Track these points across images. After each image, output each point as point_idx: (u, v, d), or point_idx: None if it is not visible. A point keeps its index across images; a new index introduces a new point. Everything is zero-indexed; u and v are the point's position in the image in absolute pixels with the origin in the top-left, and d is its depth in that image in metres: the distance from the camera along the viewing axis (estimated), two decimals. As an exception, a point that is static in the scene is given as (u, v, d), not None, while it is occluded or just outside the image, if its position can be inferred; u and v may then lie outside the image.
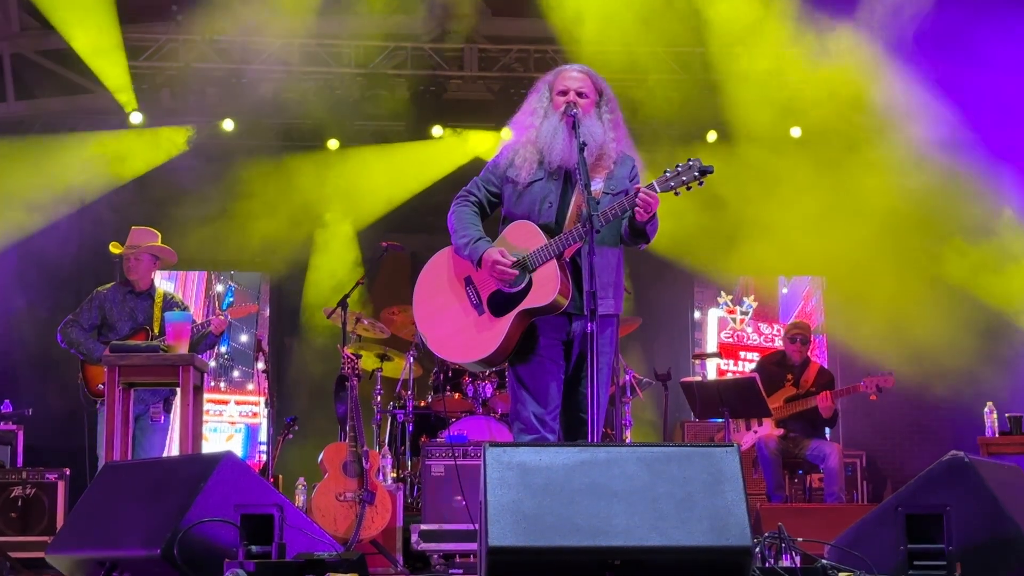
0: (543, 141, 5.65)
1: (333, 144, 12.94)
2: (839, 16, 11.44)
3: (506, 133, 5.90)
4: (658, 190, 5.40)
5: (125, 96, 12.11)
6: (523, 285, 5.53)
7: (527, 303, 5.50)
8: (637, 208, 5.35)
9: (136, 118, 12.20)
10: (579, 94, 5.69)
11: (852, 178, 12.63)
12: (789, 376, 10.17)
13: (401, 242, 10.82)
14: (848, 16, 11.48)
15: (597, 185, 5.57)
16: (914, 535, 4.65)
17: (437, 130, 12.79)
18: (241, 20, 11.82)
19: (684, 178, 5.40)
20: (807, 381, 10.11)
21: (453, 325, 5.69)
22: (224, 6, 11.68)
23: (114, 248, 8.72)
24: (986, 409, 9.50)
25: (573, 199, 5.60)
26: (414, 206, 12.94)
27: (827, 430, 10.38)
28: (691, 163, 5.41)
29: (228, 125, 12.51)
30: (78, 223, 12.89)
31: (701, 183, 5.42)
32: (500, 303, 5.57)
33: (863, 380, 9.88)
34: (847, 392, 10.06)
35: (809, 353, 10.50)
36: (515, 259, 5.53)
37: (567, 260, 5.52)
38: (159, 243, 8.74)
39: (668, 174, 5.44)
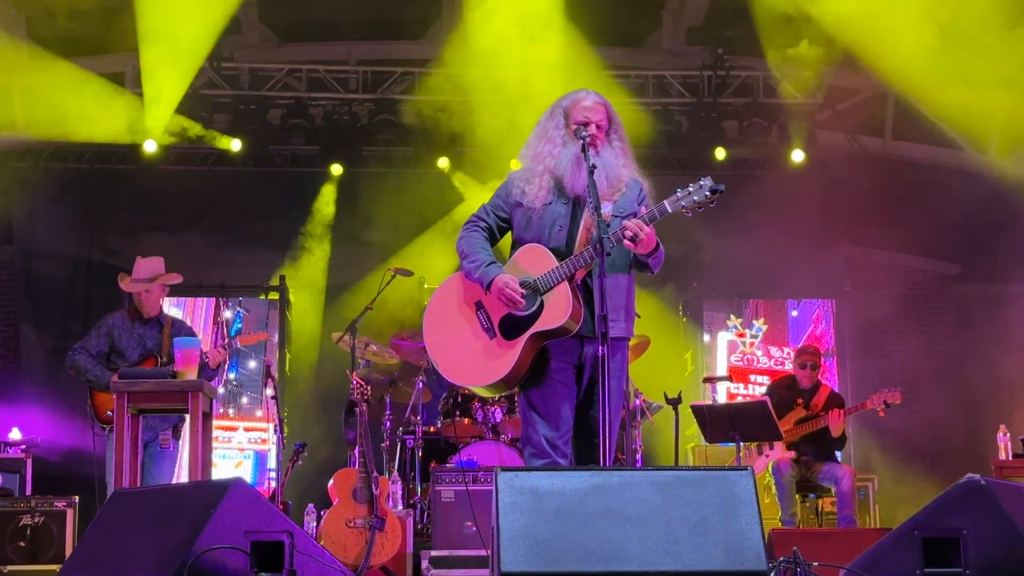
0: (562, 169, 5.62)
1: (336, 169, 12.94)
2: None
3: (514, 164, 5.88)
4: (669, 210, 5.39)
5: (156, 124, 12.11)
6: (534, 308, 5.50)
7: (538, 326, 5.47)
8: (625, 240, 5.32)
9: (151, 146, 12.20)
10: (598, 125, 5.67)
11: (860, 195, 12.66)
12: (799, 400, 10.13)
13: (408, 266, 10.81)
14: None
15: (606, 208, 5.55)
16: (931, 559, 4.61)
17: (443, 161, 12.81)
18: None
19: (695, 198, 5.39)
20: (817, 405, 10.07)
21: (464, 350, 5.66)
22: (229, 32, 11.73)
23: (124, 285, 8.70)
24: (999, 432, 9.46)
25: (583, 222, 5.58)
26: (421, 230, 12.95)
27: (838, 453, 10.33)
28: (702, 183, 5.40)
29: (236, 145, 12.49)
30: (87, 249, 12.92)
31: (713, 203, 5.40)
32: (511, 327, 5.54)
33: (871, 397, 9.85)
34: (856, 409, 10.04)
35: (819, 377, 10.46)
36: (525, 285, 5.51)
37: (578, 282, 5.50)
38: (165, 270, 8.72)
39: (679, 194, 5.43)
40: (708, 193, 5.38)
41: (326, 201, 13.15)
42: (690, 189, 5.42)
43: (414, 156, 12.97)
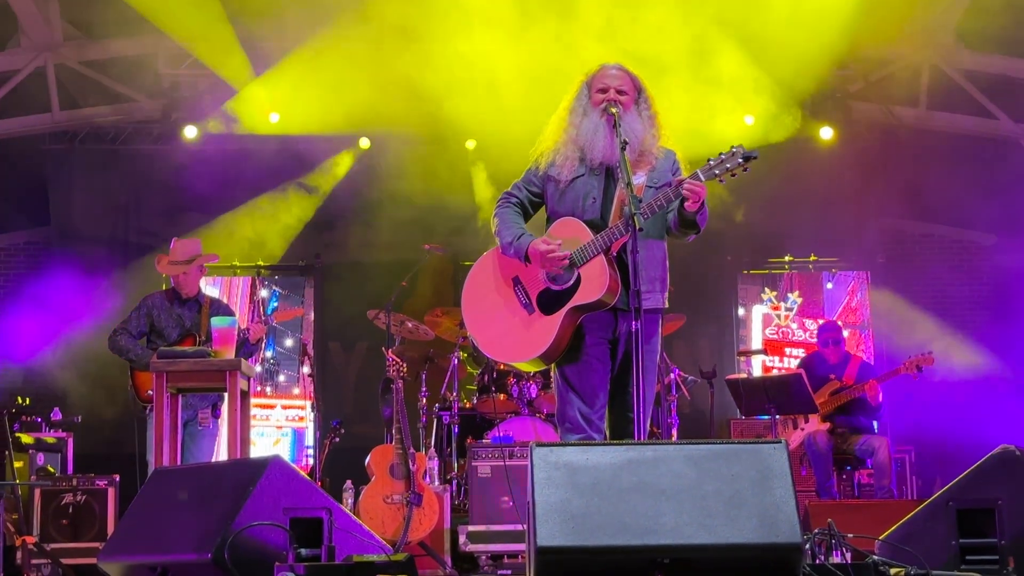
0: (584, 139, 5.66)
1: (365, 143, 12.94)
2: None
3: (546, 134, 5.90)
4: (703, 179, 5.41)
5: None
6: (571, 282, 5.53)
7: (577, 299, 5.50)
8: (686, 199, 5.35)
9: (191, 132, 12.27)
10: (619, 91, 5.68)
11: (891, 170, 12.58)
12: (831, 376, 10.10)
13: (442, 243, 10.84)
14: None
15: (640, 179, 5.58)
16: (966, 530, 4.61)
17: (471, 143, 12.83)
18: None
19: (728, 165, 5.41)
20: (851, 377, 10.04)
21: (504, 326, 5.70)
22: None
23: (161, 267, 8.75)
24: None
25: (616, 194, 5.60)
26: (452, 207, 12.95)
27: (875, 424, 10.31)
28: (735, 150, 5.42)
29: (274, 118, 12.49)
30: (124, 230, 13.00)
31: (746, 169, 5.42)
32: (549, 301, 5.57)
33: (903, 362, 9.82)
34: (889, 376, 10.02)
35: (847, 349, 10.43)
36: (560, 243, 5.54)
37: (614, 255, 5.52)
38: (202, 251, 8.79)
39: (712, 162, 5.45)
40: (741, 160, 5.40)
41: (359, 178, 13.15)
42: (723, 157, 5.44)
43: (451, 134, 12.99)
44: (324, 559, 4.53)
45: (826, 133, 12.53)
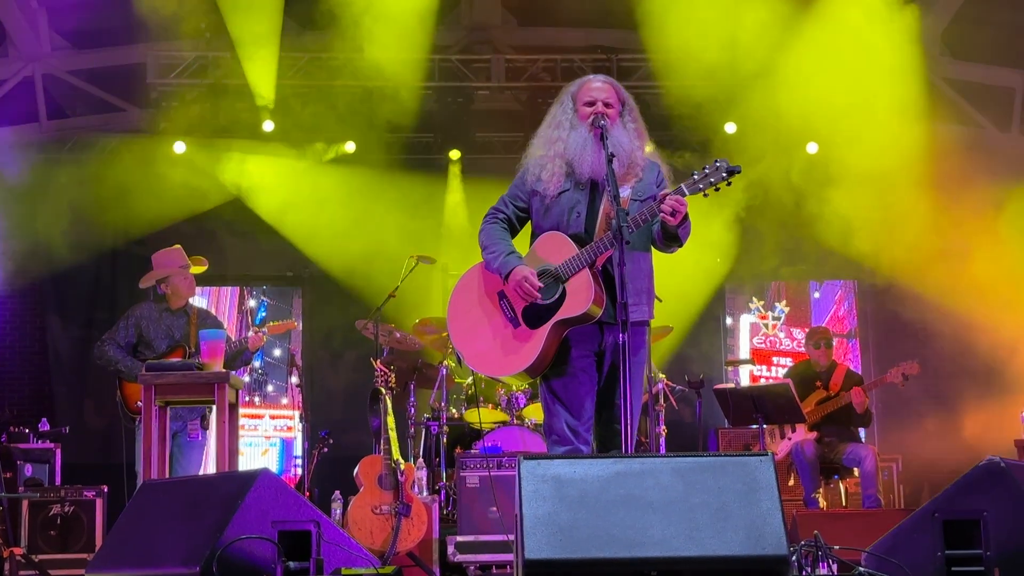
0: (572, 153, 5.66)
1: (350, 146, 12.90)
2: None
3: (531, 148, 5.91)
4: (687, 193, 5.42)
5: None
6: (556, 296, 5.54)
7: (562, 314, 5.51)
8: (664, 215, 5.36)
9: (180, 147, 12.29)
10: (605, 104, 5.70)
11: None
12: (818, 383, 10.12)
13: (429, 253, 10.85)
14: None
15: (625, 192, 5.59)
16: (952, 541, 4.64)
17: (455, 153, 12.86)
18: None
19: (712, 179, 5.43)
20: (836, 384, 10.07)
21: (490, 340, 5.70)
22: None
23: (160, 274, 8.72)
24: (1022, 413, 9.45)
25: (602, 207, 5.61)
26: (439, 217, 12.98)
27: (862, 432, 10.34)
28: (718, 164, 5.44)
29: (268, 126, 12.48)
30: (112, 238, 12.95)
31: (729, 183, 5.44)
32: (535, 315, 5.58)
33: (889, 371, 9.85)
34: (876, 384, 10.07)
35: (835, 357, 10.46)
36: (546, 273, 5.54)
37: (599, 268, 5.53)
38: (187, 257, 8.79)
39: (696, 176, 5.46)
40: (725, 174, 5.42)
41: (344, 187, 13.12)
42: (707, 171, 5.46)
43: (436, 144, 13.00)
44: (312, 572, 4.55)
45: (812, 148, 12.55)
